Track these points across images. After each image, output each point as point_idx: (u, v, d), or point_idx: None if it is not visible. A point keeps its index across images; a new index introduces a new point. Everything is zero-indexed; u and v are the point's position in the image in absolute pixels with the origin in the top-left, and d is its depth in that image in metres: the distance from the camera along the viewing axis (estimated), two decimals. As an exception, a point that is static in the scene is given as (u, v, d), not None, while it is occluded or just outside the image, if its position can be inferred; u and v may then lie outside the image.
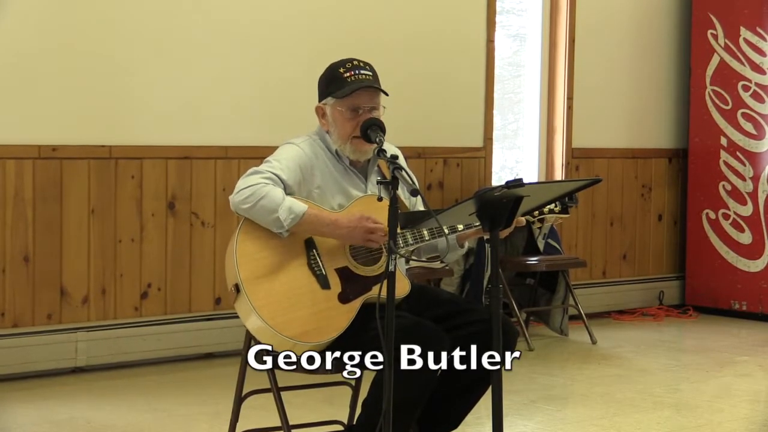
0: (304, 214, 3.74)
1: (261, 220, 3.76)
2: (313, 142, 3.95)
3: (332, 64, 3.98)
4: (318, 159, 3.92)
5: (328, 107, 3.93)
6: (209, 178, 6.27)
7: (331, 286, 3.78)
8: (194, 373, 6.03)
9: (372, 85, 3.88)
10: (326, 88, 3.93)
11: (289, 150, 3.92)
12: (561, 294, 7.22)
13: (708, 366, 6.40)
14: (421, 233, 3.86)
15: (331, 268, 3.80)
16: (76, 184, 5.87)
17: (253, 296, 3.70)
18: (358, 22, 6.76)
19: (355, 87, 3.86)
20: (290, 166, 3.85)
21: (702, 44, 8.15)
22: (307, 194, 3.86)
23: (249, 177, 3.80)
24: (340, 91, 3.87)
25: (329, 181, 3.91)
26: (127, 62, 5.99)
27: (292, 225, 3.74)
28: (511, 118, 7.85)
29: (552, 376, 6.14)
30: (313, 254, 3.80)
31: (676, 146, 8.41)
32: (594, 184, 3.63)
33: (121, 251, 6.01)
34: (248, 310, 3.70)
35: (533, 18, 7.82)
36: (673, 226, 8.43)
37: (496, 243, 3.44)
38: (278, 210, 3.72)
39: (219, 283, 6.29)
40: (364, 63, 3.93)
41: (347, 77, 3.88)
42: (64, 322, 5.88)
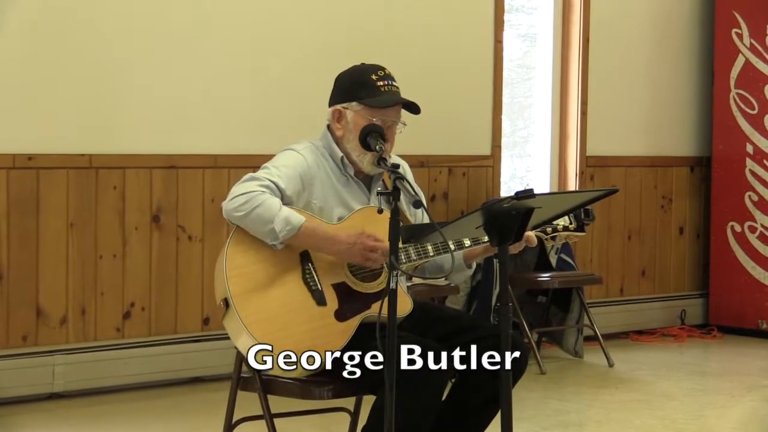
0: (300, 227, 3.75)
1: (255, 230, 3.77)
2: (315, 149, 3.96)
3: (359, 66, 3.98)
4: (319, 168, 3.93)
5: (351, 112, 3.92)
6: (197, 188, 6.28)
7: (328, 303, 3.79)
8: (181, 399, 6.03)
9: (409, 102, 3.91)
10: (353, 91, 3.92)
11: (289, 157, 3.92)
12: (575, 313, 7.22)
13: (733, 390, 6.40)
14: (425, 249, 3.87)
15: (327, 284, 3.81)
16: (53, 196, 5.87)
17: (244, 312, 3.70)
18: (357, 21, 6.77)
19: (394, 101, 3.89)
20: (290, 174, 3.85)
21: (726, 44, 8.16)
22: (305, 205, 3.87)
23: (245, 183, 3.81)
24: (374, 99, 3.88)
25: (330, 192, 3.92)
26: (107, 65, 6.01)
27: (288, 237, 3.75)
28: (520, 124, 7.86)
29: (566, 401, 6.14)
30: (309, 268, 3.81)
31: (699, 154, 8.42)
32: (610, 195, 3.64)
33: (102, 268, 6.02)
34: (238, 327, 3.70)
35: (544, 16, 7.84)
36: (695, 240, 8.44)
37: (505, 258, 3.45)
38: (274, 220, 3.73)
39: (207, 302, 6.29)
40: (390, 73, 3.95)
41: (380, 86, 3.90)
42: (41, 344, 5.87)
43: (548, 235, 4.03)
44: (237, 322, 3.70)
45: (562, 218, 4.02)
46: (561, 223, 4.03)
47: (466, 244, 3.90)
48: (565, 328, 7.24)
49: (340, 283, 3.83)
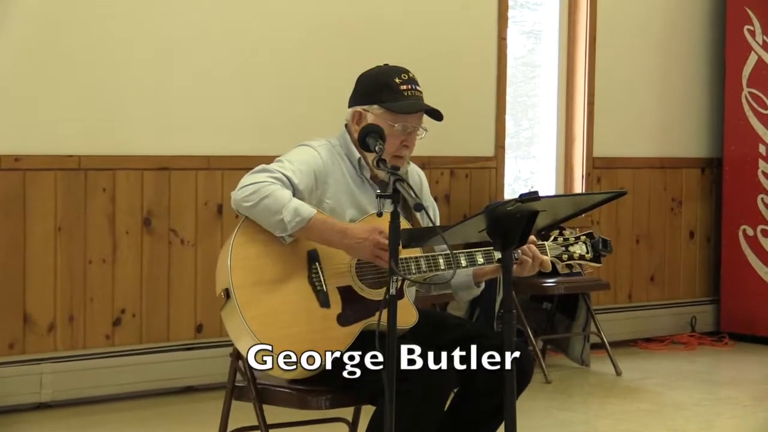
0: (311, 218, 3.75)
1: (263, 221, 3.76)
2: (332, 148, 3.97)
3: (383, 67, 4.00)
4: (335, 167, 3.93)
5: (371, 115, 3.93)
6: (189, 191, 6.28)
7: (331, 306, 3.79)
8: (173, 409, 6.03)
9: (434, 108, 3.92)
10: (375, 93, 3.93)
11: (304, 152, 3.93)
12: (581, 320, 7.23)
13: (746, 400, 6.40)
14: (437, 261, 3.86)
15: (333, 286, 3.82)
16: (40, 198, 5.87)
17: (244, 305, 3.70)
18: (355, 17, 6.77)
19: (419, 107, 3.92)
20: (303, 169, 3.86)
21: (738, 41, 8.17)
22: (317, 203, 3.87)
23: (256, 174, 3.82)
24: (397, 104, 3.90)
25: (343, 193, 3.92)
26: (97, 63, 6.00)
27: (297, 229, 3.74)
28: (525, 124, 7.87)
29: (572, 411, 6.14)
30: (316, 268, 3.81)
31: (710, 155, 8.42)
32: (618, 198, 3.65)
33: (92, 273, 6.02)
34: (236, 320, 3.70)
35: (550, 13, 7.84)
36: (706, 244, 8.44)
37: (508, 263, 3.46)
38: (282, 211, 3.72)
39: (200, 309, 6.29)
40: (415, 77, 3.96)
41: (404, 90, 3.93)
42: (28, 352, 5.87)
43: (563, 262, 4.04)
44: (235, 314, 3.69)
45: (579, 247, 4.04)
46: (577, 251, 4.06)
47: (479, 261, 3.91)
48: (571, 336, 7.24)
49: (346, 286, 3.83)
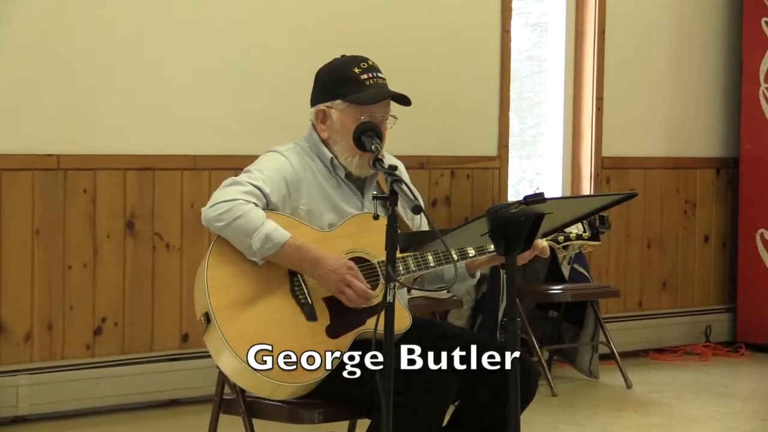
0: (283, 245, 3.75)
1: (234, 242, 3.78)
2: (301, 151, 3.97)
3: (340, 59, 3.99)
4: (306, 171, 3.93)
5: (335, 111, 3.93)
6: (174, 192, 6.28)
7: (318, 318, 3.79)
8: (157, 423, 6.03)
9: (399, 94, 3.89)
10: (335, 88, 3.92)
11: (273, 159, 3.93)
12: (590, 329, 7.23)
13: (763, 414, 6.41)
14: (425, 258, 3.87)
15: (318, 297, 3.82)
16: (17, 200, 5.87)
17: (226, 328, 3.71)
18: (349, 10, 6.78)
19: (383, 95, 3.88)
20: (274, 178, 3.86)
21: (755, 34, 8.17)
22: (292, 211, 3.87)
23: (227, 188, 3.82)
24: (359, 95, 3.88)
25: (318, 197, 3.92)
26: (76, 57, 6.01)
27: (268, 255, 3.75)
28: (530, 122, 7.87)
29: (579, 425, 6.14)
30: (298, 280, 3.82)
31: (725, 155, 8.43)
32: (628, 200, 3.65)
33: (71, 279, 6.01)
34: (220, 344, 3.70)
35: (556, 4, 7.85)
36: (721, 249, 8.45)
37: (512, 269, 3.45)
38: (253, 236, 3.73)
39: (186, 317, 6.29)
40: (375, 64, 3.94)
41: (365, 80, 3.90)
42: (3, 363, 5.87)
43: (560, 244, 4.04)
44: (219, 338, 3.70)
45: (575, 226, 4.02)
46: (574, 231, 4.04)
47: (470, 253, 3.91)
48: (579, 346, 7.24)
49: (332, 296, 3.83)
